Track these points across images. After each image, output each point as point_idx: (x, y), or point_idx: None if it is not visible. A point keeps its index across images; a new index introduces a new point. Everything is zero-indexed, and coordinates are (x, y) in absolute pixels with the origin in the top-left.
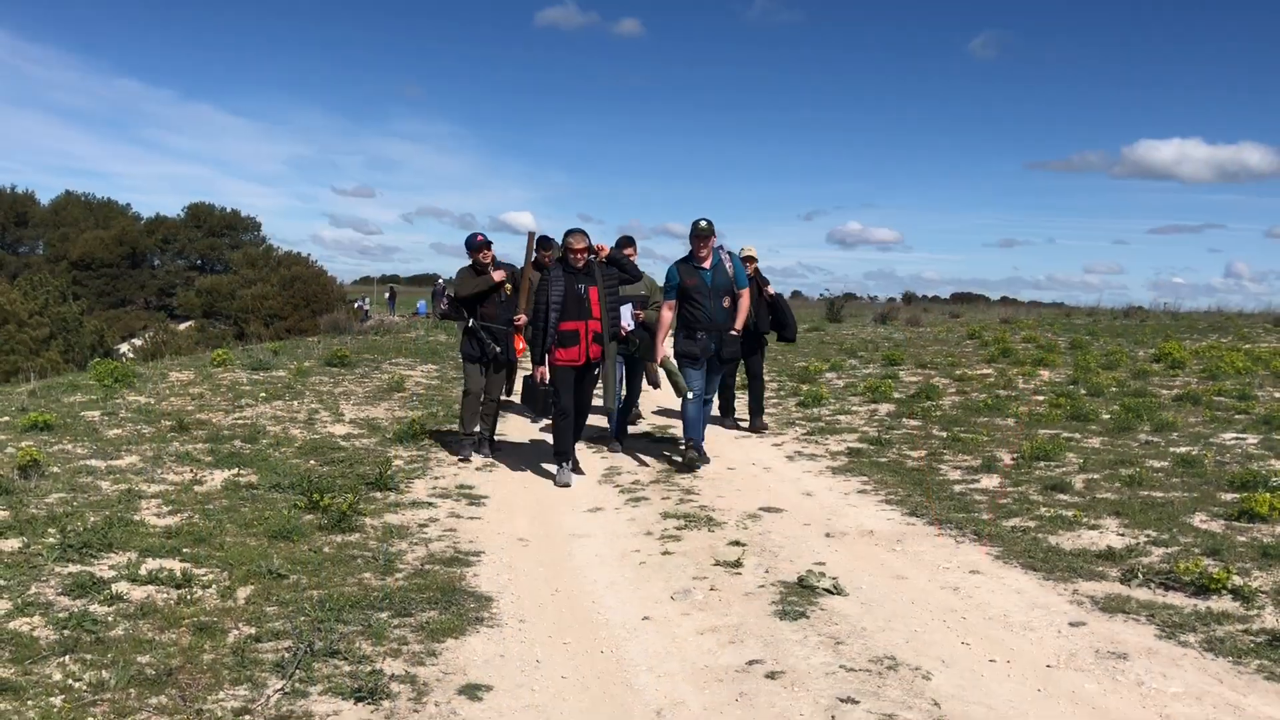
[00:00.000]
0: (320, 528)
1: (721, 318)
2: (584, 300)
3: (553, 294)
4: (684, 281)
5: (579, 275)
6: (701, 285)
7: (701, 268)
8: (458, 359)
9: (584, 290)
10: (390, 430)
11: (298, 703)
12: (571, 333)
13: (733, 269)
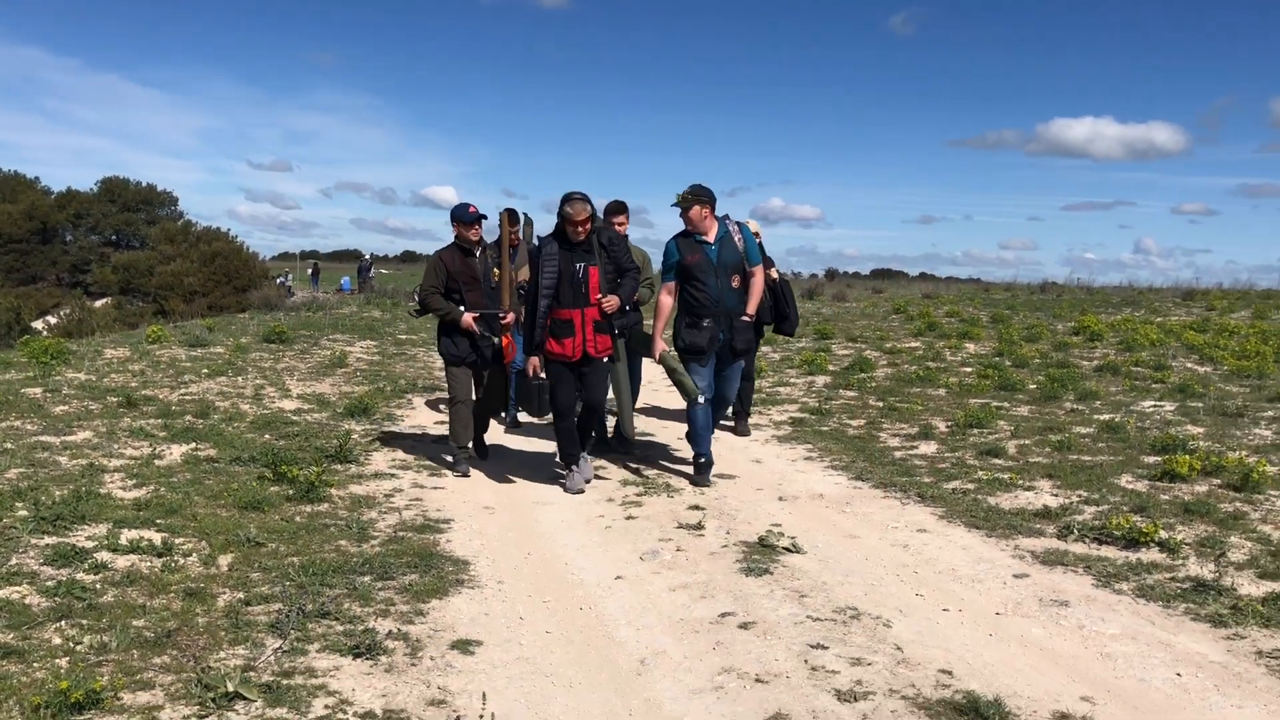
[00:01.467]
0: (289, 499)
1: (731, 301)
2: (581, 283)
3: (544, 275)
4: (685, 259)
5: (576, 252)
6: (706, 262)
7: (705, 241)
8: (402, 338)
9: (582, 271)
10: (340, 405)
11: (298, 660)
12: (565, 322)
13: (743, 242)
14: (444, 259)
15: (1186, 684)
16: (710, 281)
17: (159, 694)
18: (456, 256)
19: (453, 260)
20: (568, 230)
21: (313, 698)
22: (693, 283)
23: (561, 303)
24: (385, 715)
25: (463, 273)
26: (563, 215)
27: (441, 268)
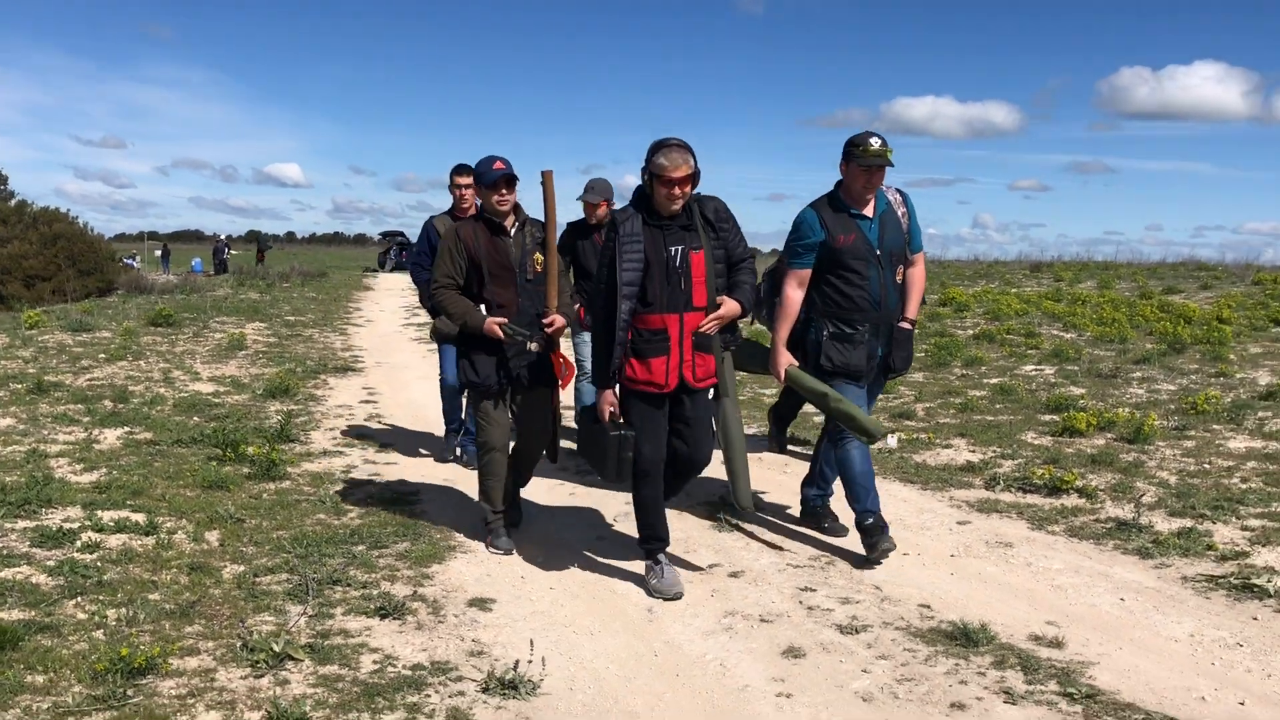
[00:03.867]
0: (249, 477)
1: (894, 301)
2: (679, 276)
3: (626, 264)
4: (835, 237)
5: (671, 229)
6: (863, 245)
7: (862, 216)
8: (290, 319)
9: (680, 257)
10: (257, 387)
11: (327, 623)
12: (656, 334)
13: (908, 219)
14: (464, 237)
15: (1131, 607)
16: (871, 275)
17: (206, 659)
18: (481, 234)
19: (476, 240)
20: (658, 196)
21: (358, 655)
22: (842, 274)
23: (649, 305)
24: (434, 666)
25: (490, 258)
26: (652, 171)
27: (461, 250)
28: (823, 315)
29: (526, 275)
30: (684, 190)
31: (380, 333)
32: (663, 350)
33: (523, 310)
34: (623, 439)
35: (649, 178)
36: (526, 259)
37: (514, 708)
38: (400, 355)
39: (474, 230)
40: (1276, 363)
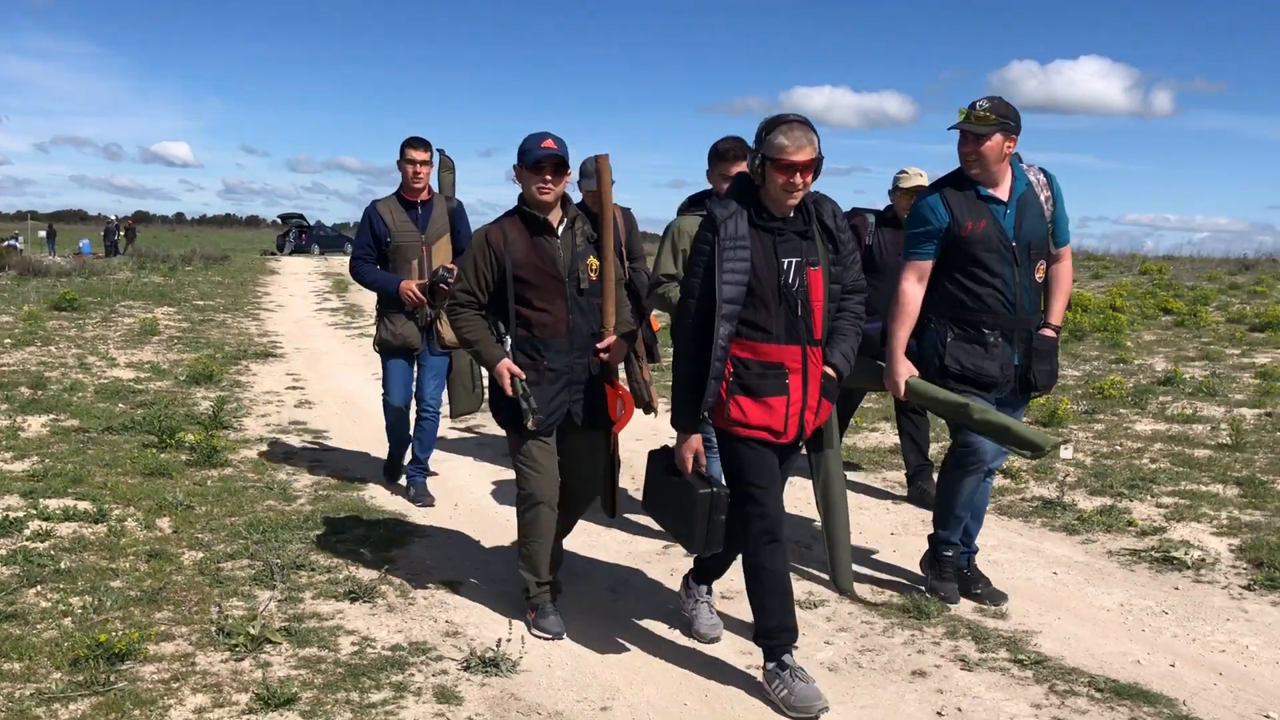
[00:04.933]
0: (189, 464)
1: (1031, 304)
2: (795, 296)
3: (728, 275)
4: (961, 224)
5: (785, 234)
6: (997, 235)
7: (995, 199)
8: (200, 303)
9: (794, 271)
10: (179, 373)
11: (298, 607)
12: (773, 369)
13: (1053, 204)
14: (493, 243)
15: (1063, 580)
16: (1004, 270)
17: (183, 644)
18: (519, 234)
19: (514, 241)
20: (773, 187)
21: (335, 637)
22: (972, 269)
23: (766, 332)
24: (413, 647)
25: (530, 264)
26: (765, 154)
27: (489, 259)
28: (942, 317)
29: (579, 284)
30: (805, 180)
31: (294, 318)
32: (779, 389)
33: (575, 330)
34: (714, 497)
35: (759, 162)
36: (578, 264)
37: (498, 684)
38: (319, 341)
39: (504, 231)
40: (1170, 349)
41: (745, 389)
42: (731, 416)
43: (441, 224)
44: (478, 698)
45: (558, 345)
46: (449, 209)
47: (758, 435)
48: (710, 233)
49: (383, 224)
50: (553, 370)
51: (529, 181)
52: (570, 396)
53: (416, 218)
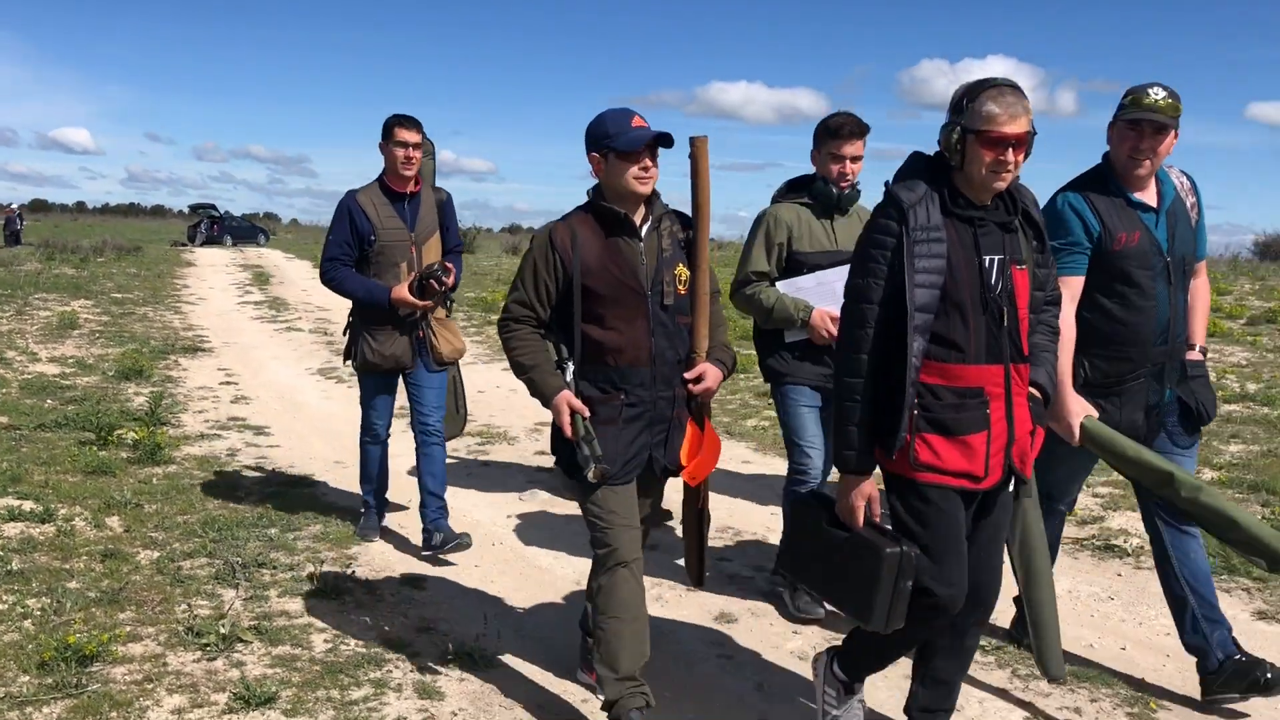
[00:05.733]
0: (132, 462)
1: (1183, 330)
2: (1004, 303)
3: (920, 275)
4: (1114, 236)
5: (985, 226)
6: (1151, 248)
7: (1145, 205)
8: (117, 296)
9: (997, 271)
10: (107, 368)
11: (265, 605)
12: (971, 397)
13: (1197, 210)
14: (559, 245)
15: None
16: (1159, 290)
17: (151, 644)
18: (592, 235)
19: (586, 244)
20: (977, 167)
21: (307, 635)
22: (1122, 290)
23: (959, 349)
24: (387, 644)
25: (607, 275)
26: (968, 126)
27: (554, 265)
28: (1092, 344)
29: (663, 299)
30: (1017, 159)
31: (217, 311)
32: (980, 424)
33: (658, 355)
34: (904, 558)
35: (958, 136)
36: (665, 273)
37: (477, 679)
38: (246, 335)
39: (572, 231)
40: None
41: (936, 424)
42: (919, 459)
43: (431, 220)
44: (459, 693)
45: (637, 375)
46: (437, 202)
47: (951, 483)
48: (894, 221)
49: (365, 220)
50: (630, 406)
51: (620, 171)
52: (652, 438)
53: (404, 212)
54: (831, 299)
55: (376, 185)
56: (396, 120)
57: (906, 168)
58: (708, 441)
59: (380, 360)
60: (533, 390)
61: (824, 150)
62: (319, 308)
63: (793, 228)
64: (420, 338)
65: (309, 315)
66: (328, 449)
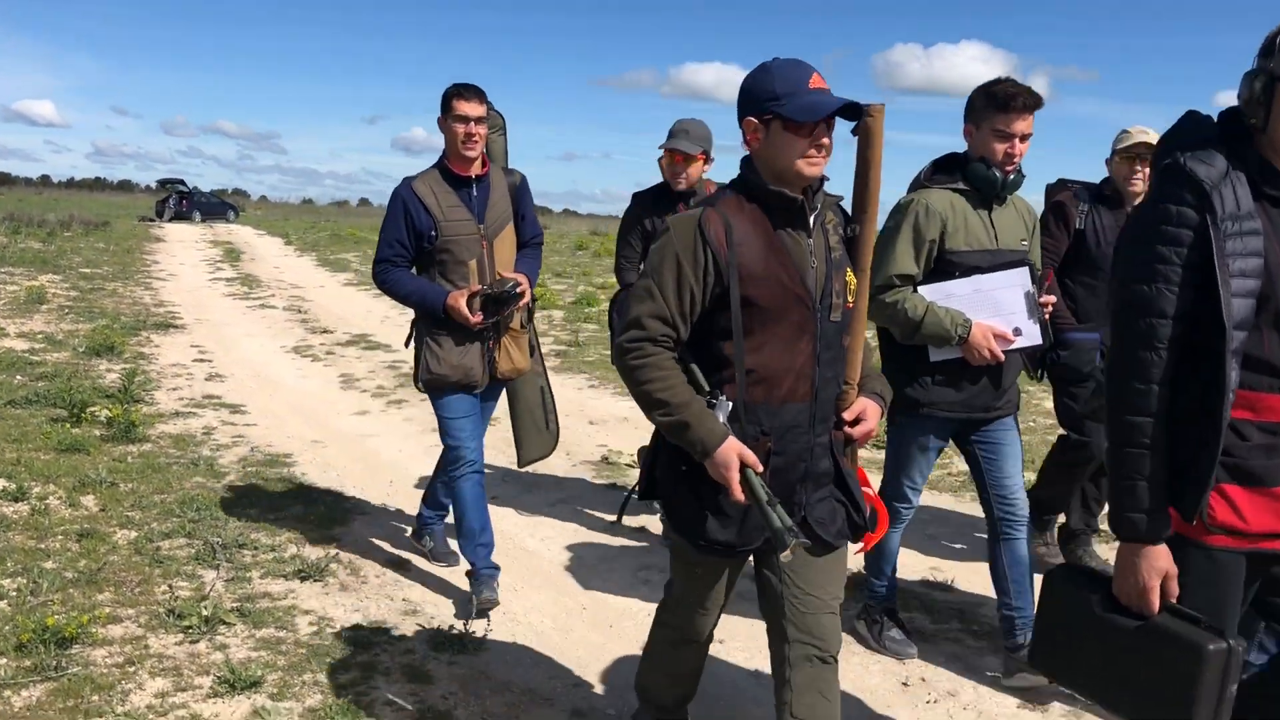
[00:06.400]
0: (105, 440)
1: None
2: None
3: (1235, 274)
4: None
5: None
6: None
7: None
8: (85, 271)
9: None
10: (78, 344)
11: (247, 587)
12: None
13: None
14: (709, 234)
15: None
16: None
17: (132, 626)
18: (752, 228)
19: (745, 239)
20: None
21: (291, 617)
22: None
23: (1268, 372)
24: (373, 627)
25: (773, 282)
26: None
27: (702, 261)
28: None
29: (830, 313)
30: None
31: (188, 287)
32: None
33: (821, 388)
34: (1231, 655)
35: (1260, 87)
36: (835, 280)
37: (466, 663)
38: (219, 312)
39: (725, 221)
40: None
41: (1240, 472)
42: (1217, 519)
43: (504, 208)
44: (448, 676)
45: (792, 414)
46: (510, 186)
47: (1257, 547)
48: (1193, 209)
49: (425, 213)
50: (778, 455)
51: (786, 146)
52: (810, 495)
53: (471, 200)
54: (990, 310)
55: (436, 171)
56: (455, 91)
57: (1187, 130)
58: (878, 509)
59: (448, 371)
60: (680, 437)
61: (986, 125)
62: (292, 285)
63: (947, 221)
64: (490, 348)
65: (282, 292)
66: (305, 428)
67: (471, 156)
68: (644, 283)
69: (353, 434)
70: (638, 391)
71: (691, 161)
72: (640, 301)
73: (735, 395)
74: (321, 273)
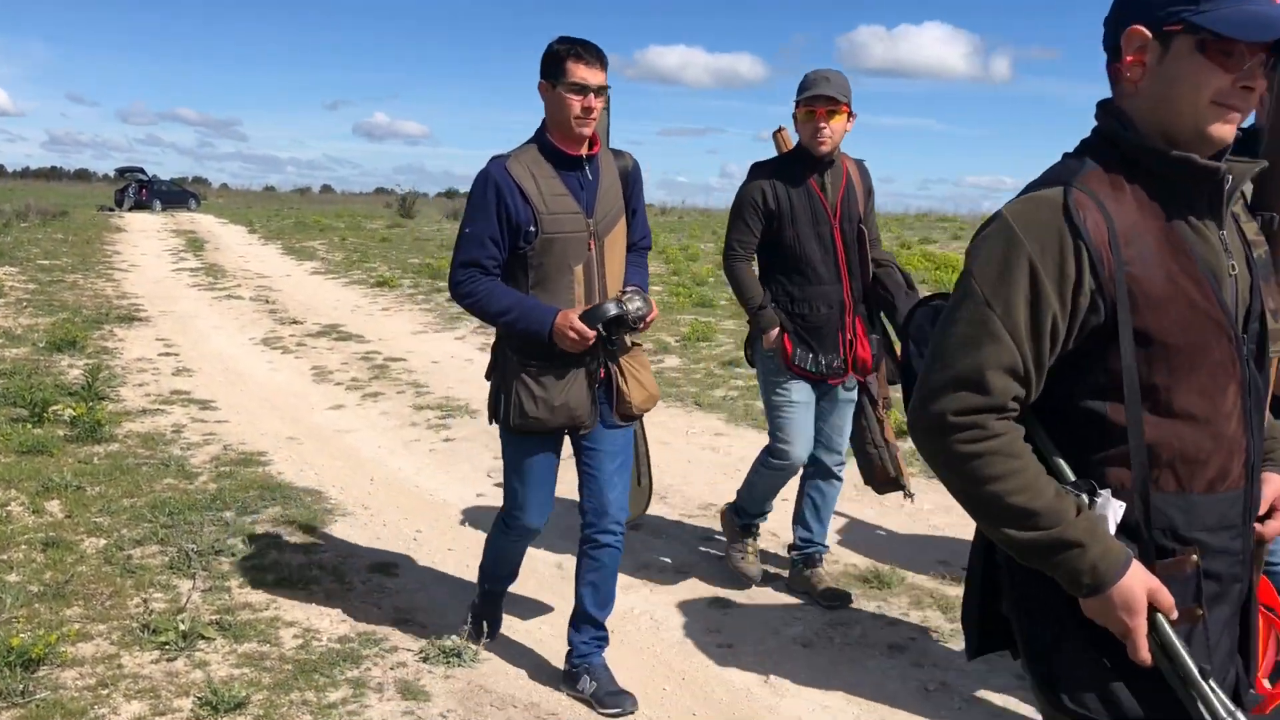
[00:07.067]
0: (70, 440)
1: None
2: None
3: None
4: None
5: None
6: None
7: None
8: (44, 263)
9: None
10: (37, 339)
11: (226, 598)
12: None
13: None
14: (1090, 236)
15: None
16: None
17: (104, 644)
18: (1141, 219)
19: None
20: None
21: (274, 630)
22: None
23: None
24: (362, 638)
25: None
26: None
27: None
28: None
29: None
30: None
31: (152, 278)
32: None
33: (1254, 464)
34: None
35: None
36: (1258, 296)
37: (464, 676)
38: (184, 303)
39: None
40: None
41: None
42: None
43: (616, 200)
44: (445, 691)
45: (1222, 511)
46: (621, 172)
47: None
48: None
49: (523, 202)
50: (1213, 580)
51: (1198, 76)
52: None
53: (578, 188)
54: None
55: (535, 148)
56: (569, 51)
57: None
58: None
59: (548, 415)
60: (1050, 562)
61: None
62: (258, 274)
63: None
64: (603, 379)
65: (248, 283)
66: (279, 424)
67: (587, 134)
68: (972, 312)
69: (329, 429)
70: (979, 495)
71: (836, 113)
72: (971, 346)
73: (1130, 487)
74: (288, 261)
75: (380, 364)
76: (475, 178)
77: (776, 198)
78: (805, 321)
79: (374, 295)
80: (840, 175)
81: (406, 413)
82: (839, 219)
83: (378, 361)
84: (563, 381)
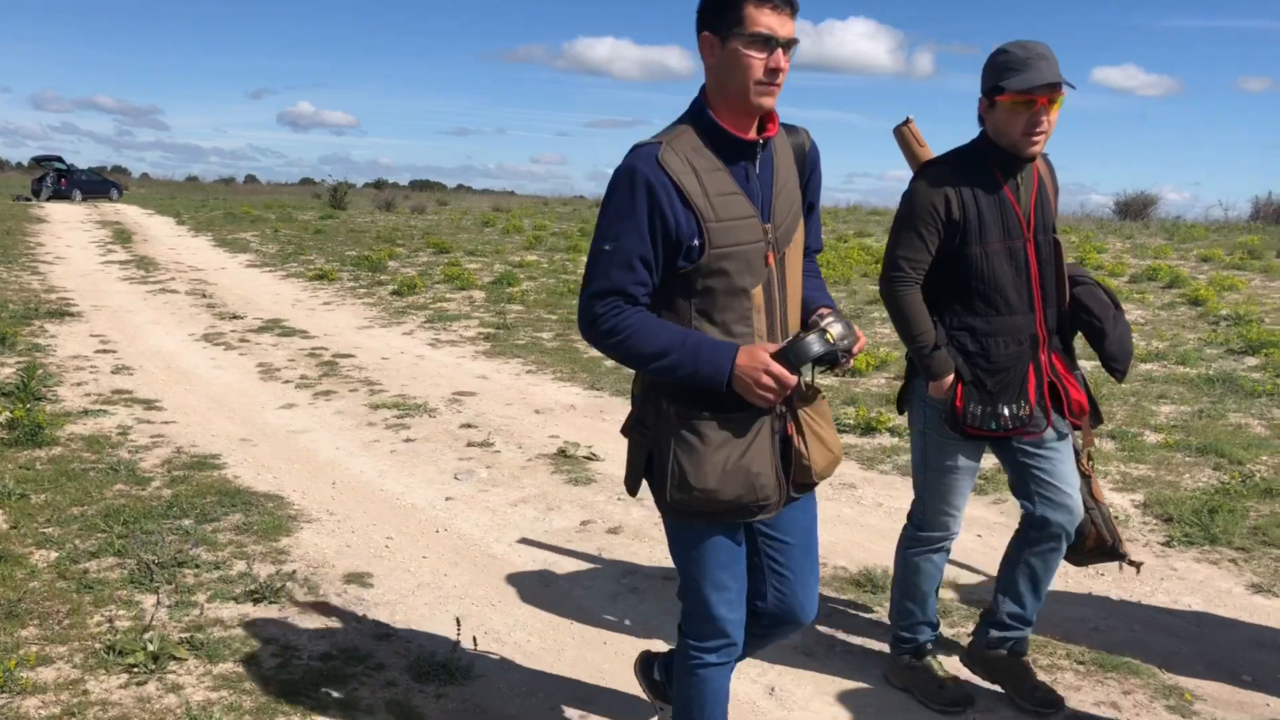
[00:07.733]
0: (9, 444)
1: None
2: None
3: None
4: None
5: None
6: None
7: None
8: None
9: None
10: None
11: (194, 613)
12: None
13: None
14: None
15: (988, 541)
16: None
17: (65, 667)
18: None
19: None
20: None
21: (249, 648)
22: None
23: None
24: (345, 656)
25: None
26: None
27: None
28: None
29: None
30: None
31: (80, 271)
32: None
33: None
34: None
35: None
36: None
37: (457, 695)
38: (117, 298)
39: None
40: None
41: None
42: None
43: (793, 194)
44: (439, 713)
45: None
46: (797, 152)
47: None
48: None
49: (683, 208)
50: None
51: None
52: None
53: (749, 182)
54: None
55: (691, 130)
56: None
57: None
58: None
59: (720, 484)
60: None
61: None
62: (191, 267)
63: None
64: (786, 437)
65: (182, 275)
66: (230, 424)
67: (769, 107)
68: None
69: (282, 430)
70: None
71: (1056, 101)
72: None
73: None
74: (221, 254)
75: (328, 360)
76: (615, 174)
77: (962, 205)
78: (988, 363)
79: (313, 289)
80: (1031, 174)
81: (362, 412)
82: (1033, 230)
83: (325, 358)
84: (738, 442)
